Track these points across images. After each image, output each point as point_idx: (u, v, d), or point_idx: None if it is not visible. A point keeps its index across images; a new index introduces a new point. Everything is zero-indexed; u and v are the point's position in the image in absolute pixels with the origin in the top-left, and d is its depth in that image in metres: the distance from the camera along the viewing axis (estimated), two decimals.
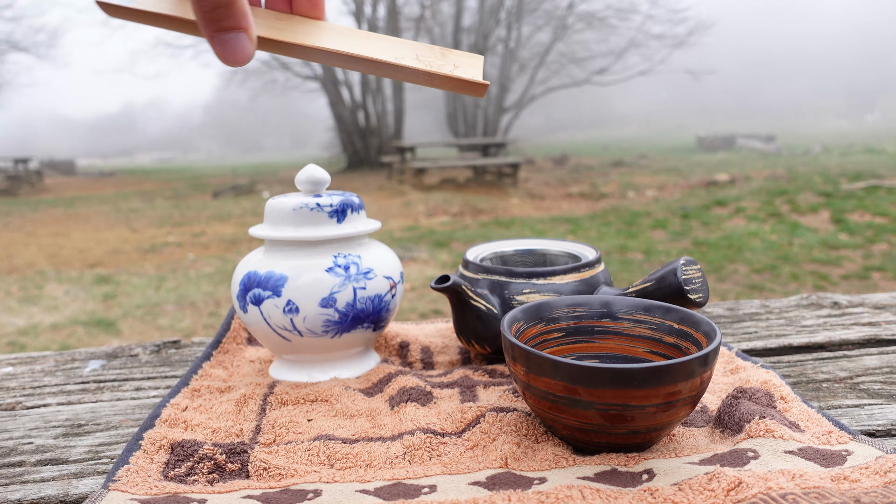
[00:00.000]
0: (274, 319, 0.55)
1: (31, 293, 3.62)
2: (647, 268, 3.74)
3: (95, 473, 0.45)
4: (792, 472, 0.36)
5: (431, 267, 3.88)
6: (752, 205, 5.49)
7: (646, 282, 0.55)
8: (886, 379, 0.56)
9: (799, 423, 0.44)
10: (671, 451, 0.42)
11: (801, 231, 4.55)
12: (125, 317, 3.13)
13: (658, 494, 0.36)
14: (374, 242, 0.61)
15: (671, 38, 13.52)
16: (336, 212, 0.56)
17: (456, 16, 11.71)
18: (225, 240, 5.08)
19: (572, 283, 0.58)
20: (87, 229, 5.74)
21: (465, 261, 0.63)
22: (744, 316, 0.74)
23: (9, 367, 0.67)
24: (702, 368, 0.39)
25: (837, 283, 3.42)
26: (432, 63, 0.38)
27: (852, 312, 0.73)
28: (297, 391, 0.54)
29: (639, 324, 0.50)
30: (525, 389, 0.42)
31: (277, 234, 0.55)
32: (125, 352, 0.71)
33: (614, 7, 13.07)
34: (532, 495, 0.36)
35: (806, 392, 0.54)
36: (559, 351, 0.50)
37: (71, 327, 3.00)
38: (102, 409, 0.56)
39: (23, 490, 0.43)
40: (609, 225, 5.10)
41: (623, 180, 7.72)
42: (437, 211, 6.11)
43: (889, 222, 4.63)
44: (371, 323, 0.57)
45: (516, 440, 0.43)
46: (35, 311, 3.26)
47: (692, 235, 4.62)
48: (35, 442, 0.50)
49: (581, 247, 0.66)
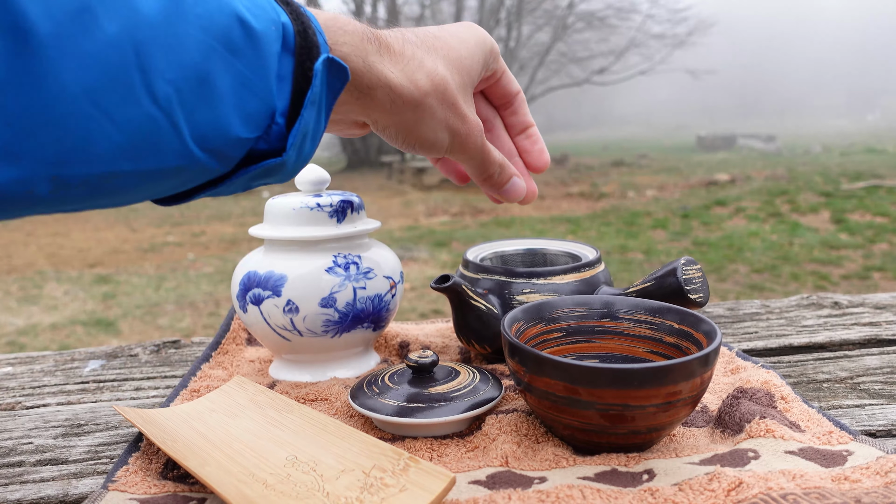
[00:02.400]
0: (274, 319, 0.55)
1: (31, 293, 3.62)
2: (647, 268, 3.74)
3: (95, 473, 0.45)
4: (792, 473, 0.36)
5: (431, 267, 3.88)
6: (752, 205, 5.49)
7: (646, 282, 0.55)
8: (887, 379, 0.56)
9: (799, 423, 0.44)
10: (671, 451, 0.41)
11: (801, 231, 4.55)
12: (125, 316, 3.13)
13: (658, 494, 0.36)
14: (374, 242, 0.61)
15: (671, 38, 13.54)
16: (336, 211, 0.56)
17: (456, 16, 11.71)
18: (225, 239, 5.08)
19: (572, 283, 0.58)
20: (87, 229, 5.74)
21: (465, 261, 0.63)
22: (744, 316, 0.74)
23: (8, 366, 0.67)
24: (702, 368, 0.39)
25: (838, 283, 3.42)
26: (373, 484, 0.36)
27: (853, 312, 0.73)
28: (296, 391, 0.54)
29: (639, 324, 0.49)
30: (525, 389, 0.42)
31: (277, 234, 0.55)
32: (125, 352, 0.70)
33: (614, 7, 13.08)
34: (532, 494, 0.36)
35: (806, 392, 0.54)
36: (559, 351, 0.50)
37: (70, 327, 3.00)
38: (102, 409, 0.56)
39: (22, 490, 0.43)
40: (609, 225, 5.10)
41: (623, 180, 7.72)
42: (436, 211, 6.11)
43: (889, 222, 4.63)
44: (371, 323, 0.57)
45: (516, 440, 0.43)
46: (34, 311, 3.26)
47: (692, 235, 4.62)
48: (35, 442, 0.50)
49: (581, 247, 0.66)
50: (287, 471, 0.38)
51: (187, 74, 0.25)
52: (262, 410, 0.46)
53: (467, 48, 0.38)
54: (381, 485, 0.36)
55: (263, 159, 0.30)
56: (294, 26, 0.29)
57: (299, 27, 0.29)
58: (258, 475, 0.38)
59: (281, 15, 0.29)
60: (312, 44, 0.30)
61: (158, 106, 0.24)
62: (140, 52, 0.24)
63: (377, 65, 0.34)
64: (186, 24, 0.25)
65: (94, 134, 0.23)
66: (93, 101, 0.23)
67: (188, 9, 0.25)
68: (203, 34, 0.25)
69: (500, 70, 0.42)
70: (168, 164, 0.26)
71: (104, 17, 0.23)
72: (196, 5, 0.25)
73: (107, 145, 0.24)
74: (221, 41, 0.26)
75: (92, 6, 0.22)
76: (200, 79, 0.26)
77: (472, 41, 0.39)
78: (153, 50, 0.24)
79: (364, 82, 0.34)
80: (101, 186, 0.25)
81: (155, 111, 0.24)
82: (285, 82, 0.29)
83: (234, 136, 0.28)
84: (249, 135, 0.28)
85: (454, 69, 0.37)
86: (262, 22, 0.27)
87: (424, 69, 0.35)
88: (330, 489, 0.36)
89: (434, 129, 0.37)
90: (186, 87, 0.25)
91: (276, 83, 0.28)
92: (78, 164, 0.24)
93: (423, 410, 0.45)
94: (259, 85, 0.28)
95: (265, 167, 0.30)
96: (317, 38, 0.30)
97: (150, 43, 0.24)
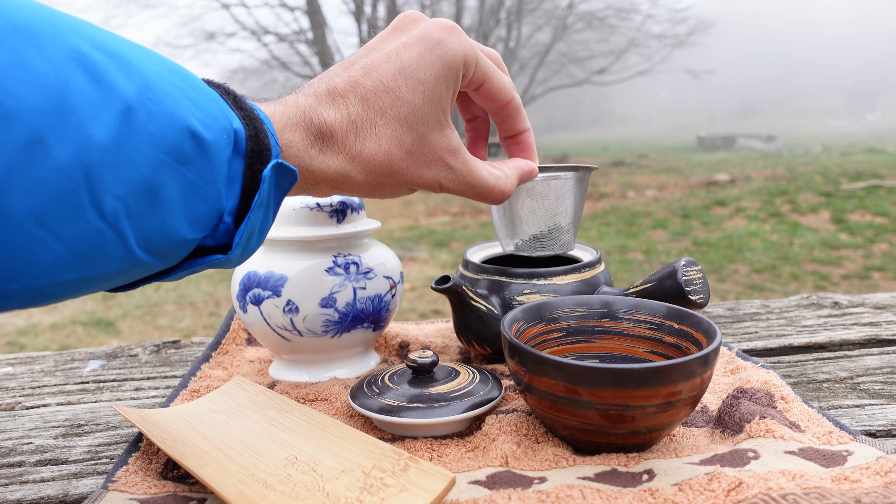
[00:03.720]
0: (274, 319, 0.55)
1: None
2: (647, 268, 3.74)
3: (95, 474, 0.45)
4: (792, 473, 0.36)
5: (431, 267, 3.88)
6: (752, 205, 5.49)
7: (646, 283, 0.55)
8: (887, 379, 0.56)
9: (799, 423, 0.44)
10: (671, 451, 0.41)
11: (801, 231, 4.55)
12: (125, 317, 3.13)
13: (658, 495, 0.36)
14: (374, 242, 0.61)
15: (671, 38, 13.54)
16: (336, 211, 0.56)
17: (456, 16, 11.70)
18: None
19: (572, 283, 0.58)
20: None
21: (465, 261, 0.63)
22: (744, 316, 0.74)
23: (8, 367, 0.67)
24: (702, 368, 0.39)
25: (838, 283, 3.42)
26: (374, 484, 0.36)
27: (853, 312, 0.73)
28: (296, 391, 0.54)
29: (639, 324, 0.49)
30: (525, 389, 0.42)
31: (277, 234, 0.55)
32: (125, 352, 0.71)
33: (614, 7, 13.08)
34: (532, 494, 0.36)
35: (806, 392, 0.54)
36: (559, 351, 0.50)
37: (70, 327, 3.00)
38: (102, 409, 0.56)
39: (22, 490, 0.43)
40: (609, 225, 5.10)
41: (623, 180, 7.72)
42: (437, 210, 6.11)
43: (889, 222, 4.63)
44: (371, 323, 0.57)
45: (516, 440, 0.43)
46: (34, 311, 3.26)
47: (692, 235, 4.62)
48: (34, 442, 0.50)
49: (581, 247, 0.66)
50: (287, 471, 0.38)
51: (136, 188, 0.26)
52: (262, 410, 0.47)
53: (423, 89, 0.36)
54: (381, 485, 0.36)
55: (210, 254, 0.31)
56: (246, 131, 0.30)
57: (251, 131, 0.30)
58: (258, 475, 0.38)
59: (234, 121, 0.30)
60: (263, 146, 0.31)
61: (105, 220, 0.25)
62: (89, 175, 0.24)
63: (320, 166, 0.35)
64: (137, 143, 0.25)
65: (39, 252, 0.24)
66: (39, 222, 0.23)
67: (139, 127, 0.26)
68: (153, 150, 0.26)
69: (479, 79, 0.39)
70: (112, 270, 0.27)
71: (55, 146, 0.23)
72: (148, 123, 0.26)
73: (51, 260, 0.24)
74: (171, 154, 0.27)
75: (44, 137, 0.23)
76: (149, 191, 0.26)
77: (430, 76, 0.36)
78: (102, 171, 0.24)
79: (309, 181, 0.35)
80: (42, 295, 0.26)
81: (101, 225, 0.25)
82: (235, 183, 0.30)
83: (181, 239, 0.29)
84: (196, 235, 0.29)
85: (404, 128, 0.36)
86: (214, 132, 0.28)
87: (365, 156, 0.36)
88: (330, 489, 0.36)
89: (389, 191, 0.39)
90: (134, 199, 0.26)
91: (225, 186, 0.30)
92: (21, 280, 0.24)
93: (423, 410, 0.45)
94: (207, 190, 0.29)
95: (211, 262, 0.31)
96: (268, 139, 0.31)
97: (100, 165, 0.24)
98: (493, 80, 0.40)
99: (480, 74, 0.39)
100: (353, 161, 0.36)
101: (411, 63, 0.36)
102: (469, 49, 0.37)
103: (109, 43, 0.26)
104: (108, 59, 0.25)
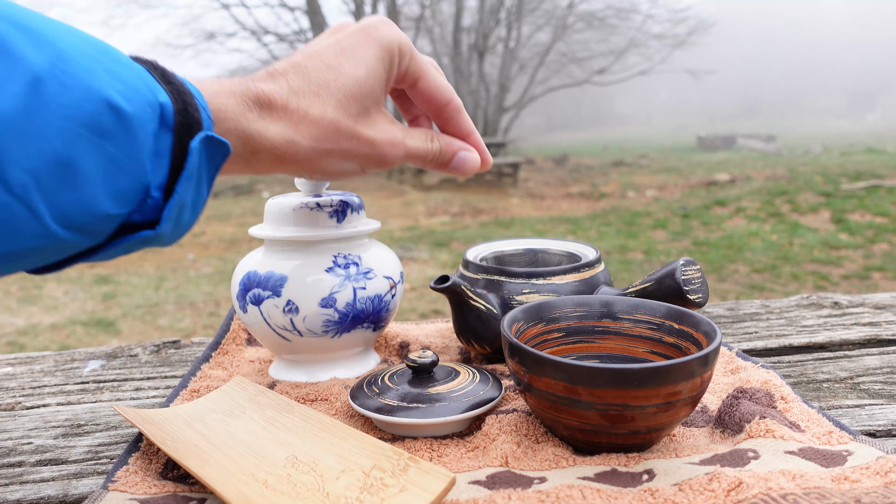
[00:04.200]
0: (274, 319, 0.55)
1: (31, 293, 3.62)
2: (647, 268, 3.74)
3: (95, 474, 0.45)
4: (792, 473, 0.36)
5: (431, 267, 3.88)
6: (752, 205, 5.49)
7: (645, 282, 0.55)
8: (887, 379, 0.56)
9: (799, 423, 0.44)
10: (671, 451, 0.41)
11: (801, 231, 4.55)
12: (125, 317, 3.13)
13: (658, 495, 0.36)
14: (374, 242, 0.61)
15: (671, 38, 13.53)
16: (336, 212, 0.56)
17: (456, 15, 11.70)
18: (224, 240, 5.08)
19: (572, 283, 0.58)
20: None
21: (464, 261, 0.63)
22: (744, 316, 0.74)
23: (8, 367, 0.67)
24: (702, 368, 0.39)
25: (838, 283, 3.42)
26: (373, 484, 0.36)
27: (853, 312, 0.73)
28: (296, 391, 0.54)
29: (639, 324, 0.49)
30: (525, 389, 0.42)
31: (277, 234, 0.55)
32: (125, 352, 0.71)
33: (614, 7, 13.07)
34: (532, 494, 0.36)
35: (806, 392, 0.54)
36: (559, 351, 0.50)
37: (70, 327, 3.00)
38: (102, 409, 0.56)
39: (22, 490, 0.43)
40: (609, 225, 5.10)
41: (623, 180, 7.72)
42: (437, 211, 6.11)
43: (889, 222, 4.63)
44: (371, 323, 0.57)
45: (516, 440, 0.43)
46: (34, 311, 3.27)
47: (692, 235, 4.62)
48: (34, 442, 0.50)
49: (581, 247, 0.66)
50: (287, 471, 0.38)
51: (47, 161, 0.26)
52: (262, 410, 0.47)
53: (365, 65, 0.38)
54: (380, 485, 0.36)
55: (139, 230, 0.31)
56: (174, 105, 0.30)
57: (179, 105, 0.30)
58: (258, 475, 0.38)
59: (159, 95, 0.30)
60: (193, 120, 0.31)
61: (12, 193, 0.25)
62: None
63: (261, 130, 0.35)
64: (48, 114, 0.25)
65: None
66: None
67: (50, 99, 0.25)
68: (67, 122, 0.26)
69: (415, 73, 0.41)
70: (26, 246, 0.27)
71: None
72: (60, 95, 0.26)
73: None
74: (88, 127, 0.27)
75: None
76: (63, 164, 0.26)
77: (370, 55, 0.38)
78: (7, 142, 0.24)
79: (248, 149, 0.35)
80: None
81: (7, 198, 0.25)
82: (163, 157, 0.30)
83: (103, 213, 0.28)
84: (120, 210, 0.29)
85: (348, 98, 0.37)
86: (136, 105, 0.28)
87: (310, 118, 0.36)
88: (330, 489, 0.36)
89: (336, 164, 0.39)
90: (46, 173, 0.26)
91: (151, 159, 0.29)
92: None
93: (423, 410, 0.45)
94: (130, 164, 0.28)
95: (140, 238, 0.31)
96: (198, 113, 0.31)
97: (4, 136, 0.24)
98: (428, 78, 0.41)
99: (416, 68, 0.41)
100: (296, 125, 0.36)
101: (351, 46, 0.38)
102: (403, 38, 0.39)
103: (19, 16, 0.26)
104: (16, 31, 0.25)
